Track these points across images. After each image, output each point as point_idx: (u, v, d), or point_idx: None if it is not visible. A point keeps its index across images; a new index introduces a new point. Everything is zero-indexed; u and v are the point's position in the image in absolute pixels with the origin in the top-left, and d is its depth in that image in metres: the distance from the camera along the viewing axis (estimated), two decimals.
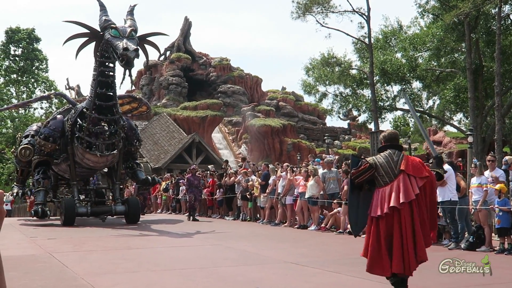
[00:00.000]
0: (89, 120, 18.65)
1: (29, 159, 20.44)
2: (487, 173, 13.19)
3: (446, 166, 13.10)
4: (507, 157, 15.28)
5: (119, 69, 18.05)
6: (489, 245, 12.30)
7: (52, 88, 58.18)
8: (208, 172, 26.83)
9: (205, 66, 78.07)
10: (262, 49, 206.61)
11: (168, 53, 77.82)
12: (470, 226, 13.14)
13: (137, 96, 24.91)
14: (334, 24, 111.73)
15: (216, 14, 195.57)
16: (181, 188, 27.27)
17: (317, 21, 38.72)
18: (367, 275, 7.19)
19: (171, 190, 28.60)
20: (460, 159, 30.83)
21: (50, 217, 23.61)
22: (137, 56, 17.01)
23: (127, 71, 17.17)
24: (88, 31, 18.52)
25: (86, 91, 21.74)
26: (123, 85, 19.28)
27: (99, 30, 18.11)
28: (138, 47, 17.18)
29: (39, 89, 59.53)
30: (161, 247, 13.13)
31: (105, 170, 22.26)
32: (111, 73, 18.61)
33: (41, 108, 58.97)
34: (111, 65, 18.50)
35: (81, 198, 21.15)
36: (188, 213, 23.05)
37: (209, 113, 61.89)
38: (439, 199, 13.20)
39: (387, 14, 75.74)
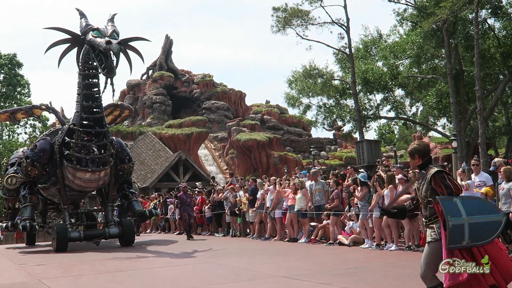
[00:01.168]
0: (77, 134, 18.28)
1: (17, 187, 19.87)
2: (473, 176, 13.30)
3: None
4: (496, 159, 15.35)
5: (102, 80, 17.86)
6: None
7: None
8: (196, 189, 26.77)
9: (188, 83, 78.16)
10: (244, 64, 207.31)
11: (150, 72, 77.91)
12: None
13: (118, 103, 24.11)
14: (315, 36, 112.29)
15: (197, 30, 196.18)
16: (169, 207, 27.21)
17: (297, 33, 38.97)
18: (358, 286, 7.18)
19: (159, 209, 28.49)
20: (446, 163, 30.99)
21: (41, 243, 23.01)
22: (121, 50, 16.82)
23: (109, 79, 16.88)
24: (70, 37, 18.26)
25: (70, 113, 21.13)
26: (105, 94, 18.83)
27: (80, 34, 17.88)
28: (121, 48, 16.91)
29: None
30: (152, 267, 13.07)
31: (94, 192, 21.61)
32: (95, 88, 18.39)
33: (25, 133, 58.65)
34: (95, 80, 18.31)
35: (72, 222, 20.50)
36: (186, 232, 22.56)
37: (194, 130, 61.86)
38: None
39: (367, 24, 76.66)
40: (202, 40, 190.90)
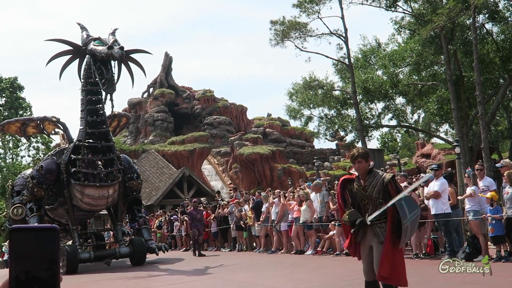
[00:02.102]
0: (83, 150, 18.14)
1: (23, 217, 19.20)
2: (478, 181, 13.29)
3: (441, 180, 13.24)
4: (505, 160, 15.26)
5: (123, 76, 17.74)
6: (485, 253, 12.33)
7: (38, 135, 58.09)
8: (202, 205, 26.76)
9: (189, 100, 78.27)
10: (245, 78, 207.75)
11: (151, 89, 78.07)
12: (461, 237, 13.18)
13: (115, 113, 22.95)
14: (313, 47, 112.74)
15: (196, 46, 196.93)
16: (174, 224, 27.19)
17: (296, 46, 39.06)
18: None
19: (165, 227, 28.48)
20: (450, 169, 30.94)
21: None
22: (123, 55, 16.69)
23: (109, 95, 16.91)
24: (71, 48, 18.25)
25: (73, 133, 20.84)
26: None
27: (81, 45, 17.91)
28: (122, 62, 16.88)
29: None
30: (160, 285, 13.05)
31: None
32: (99, 103, 18.34)
33: (28, 155, 58.80)
34: (98, 96, 18.22)
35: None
36: (193, 249, 22.36)
37: (197, 146, 61.87)
38: (433, 212, 13.30)
39: (365, 33, 76.80)
40: (201, 56, 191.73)
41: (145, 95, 78.04)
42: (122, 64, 17.47)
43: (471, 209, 12.89)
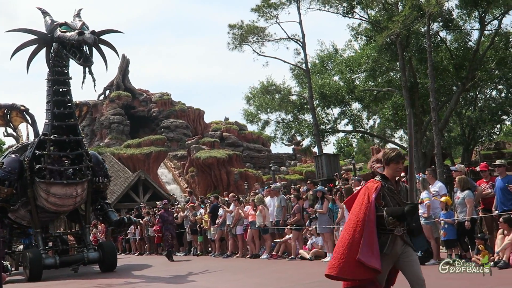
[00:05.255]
0: (49, 145, 16.78)
1: None
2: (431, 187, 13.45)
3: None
4: (459, 165, 15.48)
5: (76, 77, 16.73)
6: (437, 257, 12.49)
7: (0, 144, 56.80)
8: (156, 209, 26.47)
9: (146, 103, 77.75)
10: (202, 82, 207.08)
11: (107, 92, 77.26)
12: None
13: (77, 102, 20.36)
14: (271, 52, 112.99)
15: (154, 49, 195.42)
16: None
17: (253, 50, 39.08)
18: None
19: None
20: (403, 174, 31.32)
21: (12, 272, 20.60)
22: (96, 42, 15.60)
23: (87, 69, 15.59)
24: (36, 37, 16.97)
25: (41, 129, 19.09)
26: (85, 86, 17.52)
27: (47, 33, 16.69)
28: (96, 38, 15.56)
29: None
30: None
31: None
32: (67, 94, 17.14)
33: None
34: (66, 86, 17.09)
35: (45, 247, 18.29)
36: (167, 253, 20.90)
37: (153, 149, 61.42)
38: None
39: (322, 39, 77.32)
40: (159, 59, 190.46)
41: (101, 98, 77.16)
42: (94, 48, 16.07)
43: (422, 214, 13.02)
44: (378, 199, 5.73)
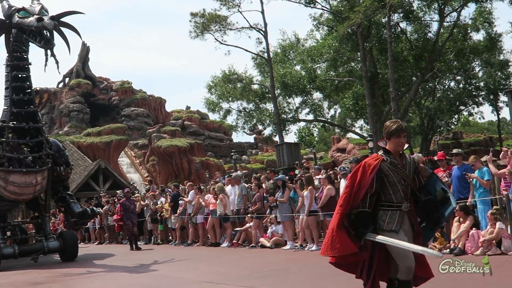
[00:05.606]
0: (7, 132, 16.36)
1: None
2: None
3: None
4: (418, 154, 15.68)
5: (37, 63, 16.30)
6: None
7: None
8: (116, 198, 26.22)
9: (107, 91, 76.90)
10: (164, 70, 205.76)
11: (67, 79, 76.13)
12: None
13: (37, 88, 19.78)
14: (233, 41, 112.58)
15: (115, 37, 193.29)
16: None
17: (215, 39, 39.06)
18: (281, 287, 7.22)
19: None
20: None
21: None
22: (56, 27, 15.34)
23: (49, 51, 15.35)
24: None
25: None
26: (48, 69, 16.90)
27: (4, 19, 16.31)
28: (56, 23, 15.32)
29: None
30: (77, 279, 12.73)
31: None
32: (26, 80, 16.75)
33: None
34: (25, 72, 16.69)
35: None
36: (130, 242, 20.54)
37: (113, 138, 60.80)
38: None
39: (284, 29, 77.50)
40: (120, 47, 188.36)
41: (60, 85, 75.99)
42: (55, 32, 15.71)
43: None
44: (371, 186, 5.32)
